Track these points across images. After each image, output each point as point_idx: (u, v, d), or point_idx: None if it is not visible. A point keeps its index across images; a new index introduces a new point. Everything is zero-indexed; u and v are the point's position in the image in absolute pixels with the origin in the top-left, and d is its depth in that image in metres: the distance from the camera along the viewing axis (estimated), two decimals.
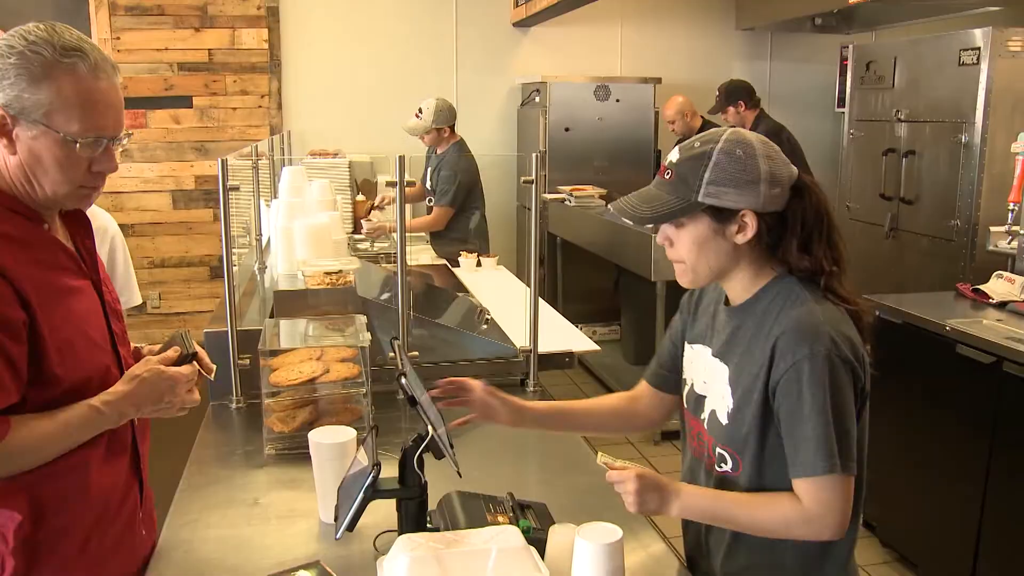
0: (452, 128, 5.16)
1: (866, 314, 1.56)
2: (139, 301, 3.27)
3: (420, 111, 5.03)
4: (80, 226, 1.64)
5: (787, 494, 1.49)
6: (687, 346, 1.73)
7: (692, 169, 1.51)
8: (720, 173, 1.48)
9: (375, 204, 5.39)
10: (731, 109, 5.62)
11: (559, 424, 1.94)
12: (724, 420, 1.58)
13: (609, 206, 1.54)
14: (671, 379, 1.80)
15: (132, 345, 1.80)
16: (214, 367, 1.76)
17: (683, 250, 1.56)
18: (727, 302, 1.63)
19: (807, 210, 1.53)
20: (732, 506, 1.54)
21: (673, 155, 1.55)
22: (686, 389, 1.72)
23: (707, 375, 1.63)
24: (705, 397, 1.64)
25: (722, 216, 1.51)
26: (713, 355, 1.62)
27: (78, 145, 1.43)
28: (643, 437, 4.94)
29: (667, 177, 1.54)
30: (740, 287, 1.59)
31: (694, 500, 1.56)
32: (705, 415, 1.64)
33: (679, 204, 1.51)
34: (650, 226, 1.66)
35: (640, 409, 1.87)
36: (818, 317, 1.47)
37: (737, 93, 5.60)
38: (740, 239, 1.52)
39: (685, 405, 1.73)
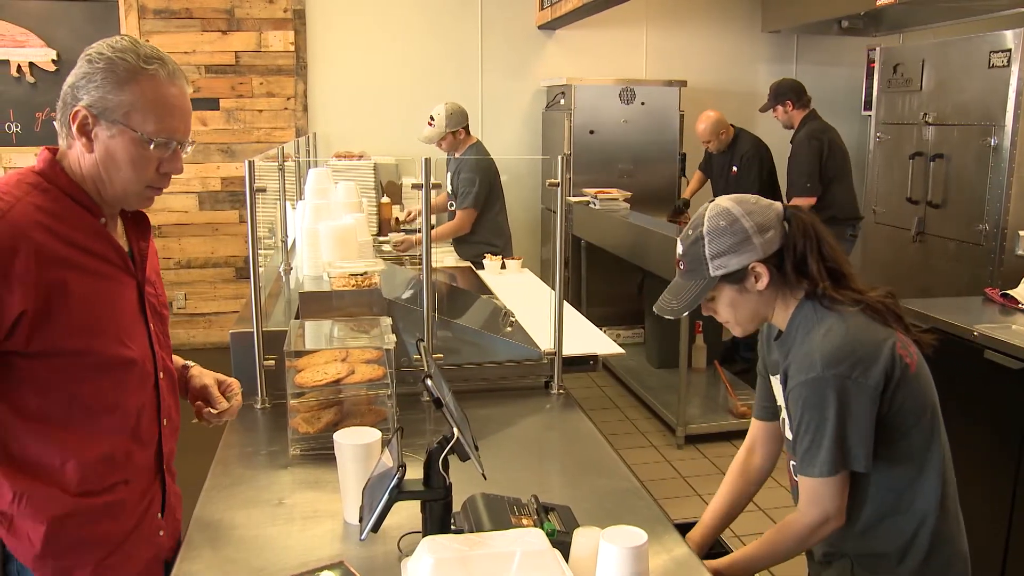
0: (467, 130, 5.14)
1: (877, 302, 1.77)
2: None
3: (432, 119, 5.03)
4: (139, 229, 1.72)
5: (792, 516, 1.80)
6: (770, 377, 1.96)
7: (695, 254, 1.78)
8: (716, 247, 1.75)
9: (404, 219, 5.41)
10: (779, 108, 5.58)
11: (731, 519, 2.12)
12: (789, 435, 1.84)
13: (655, 309, 1.85)
14: (770, 408, 2.03)
15: (184, 361, 1.92)
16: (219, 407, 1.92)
17: (724, 314, 1.84)
18: (776, 335, 1.87)
19: (796, 236, 1.76)
20: (761, 551, 1.85)
21: (678, 248, 1.83)
22: (782, 414, 1.92)
23: (782, 399, 1.86)
24: (786, 419, 1.86)
25: (737, 277, 1.77)
26: (780, 381, 1.86)
27: (152, 145, 1.54)
28: (667, 442, 4.92)
29: (681, 268, 1.83)
30: (780, 319, 1.84)
31: (733, 570, 1.85)
32: (786, 433, 1.87)
33: (699, 287, 1.78)
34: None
35: (756, 454, 2.10)
36: (814, 346, 1.71)
37: (785, 93, 5.55)
38: (760, 286, 1.77)
39: (781, 427, 1.95)
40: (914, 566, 1.79)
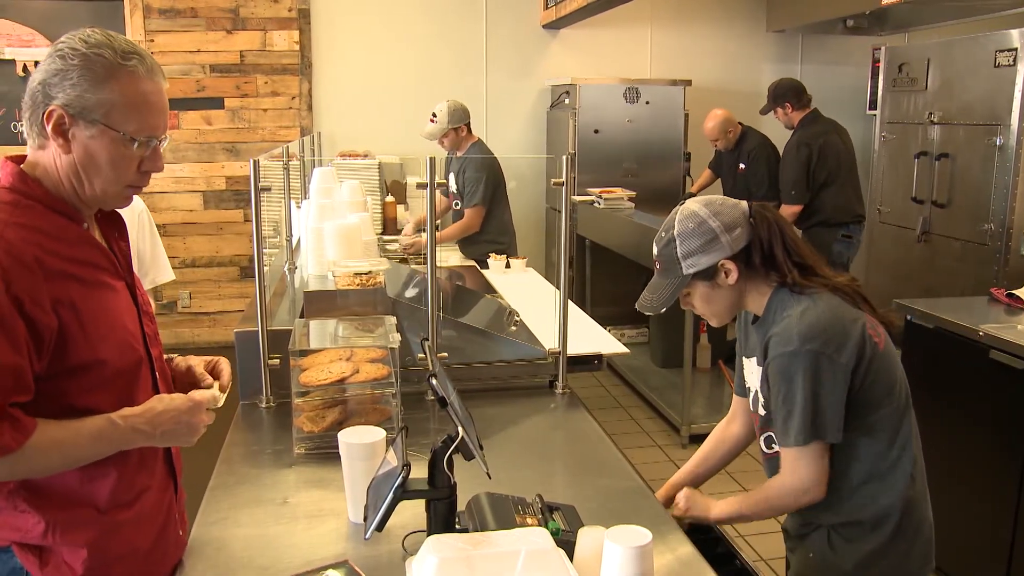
0: (468, 128, 5.15)
1: (845, 286, 1.90)
2: (171, 276, 3.32)
3: (434, 115, 5.04)
4: (115, 228, 1.66)
5: (774, 478, 1.92)
6: (744, 359, 2.06)
7: (668, 254, 1.90)
8: (687, 248, 1.87)
9: (408, 232, 5.39)
10: (779, 110, 5.55)
11: (704, 477, 2.26)
12: (762, 412, 1.95)
13: (636, 306, 1.94)
14: (745, 386, 2.12)
15: (165, 355, 1.82)
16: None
17: (700, 308, 1.98)
18: (754, 319, 1.97)
19: (762, 232, 1.89)
20: (749, 502, 1.97)
21: (654, 249, 1.94)
22: (751, 395, 2.03)
23: (758, 379, 1.95)
24: (759, 398, 1.96)
25: (708, 273, 1.89)
26: (757, 363, 1.95)
27: (136, 144, 1.49)
28: (672, 441, 4.92)
29: (658, 267, 1.95)
30: (755, 306, 1.95)
31: (724, 507, 2.00)
32: (759, 410, 1.97)
33: (674, 284, 1.91)
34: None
35: (735, 423, 2.22)
36: (792, 323, 1.82)
37: (784, 95, 5.49)
38: (731, 281, 1.89)
39: (751, 407, 2.05)
40: (888, 532, 1.89)
